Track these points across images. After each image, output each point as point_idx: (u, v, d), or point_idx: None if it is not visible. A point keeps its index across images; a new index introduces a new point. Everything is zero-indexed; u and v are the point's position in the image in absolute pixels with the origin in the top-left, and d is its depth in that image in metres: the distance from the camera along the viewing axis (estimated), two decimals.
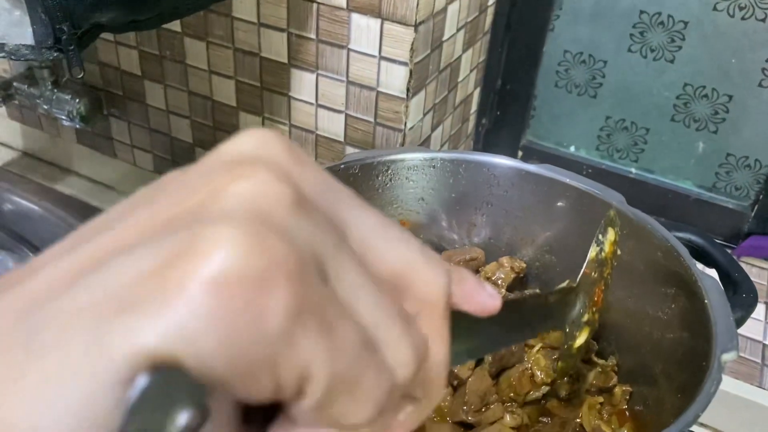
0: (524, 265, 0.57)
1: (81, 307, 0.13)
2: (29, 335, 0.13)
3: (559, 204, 0.53)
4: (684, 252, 0.45)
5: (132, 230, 0.15)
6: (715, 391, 0.35)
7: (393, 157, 0.53)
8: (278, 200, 0.15)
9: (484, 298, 0.20)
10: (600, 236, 0.44)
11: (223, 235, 0.13)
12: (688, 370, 0.42)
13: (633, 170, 0.95)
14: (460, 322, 0.19)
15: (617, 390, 0.52)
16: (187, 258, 0.13)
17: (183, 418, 0.13)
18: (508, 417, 0.47)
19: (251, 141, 0.17)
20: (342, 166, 0.51)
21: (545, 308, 0.33)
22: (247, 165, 0.15)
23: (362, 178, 0.53)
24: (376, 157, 0.53)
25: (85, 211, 0.99)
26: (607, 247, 0.44)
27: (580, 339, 0.40)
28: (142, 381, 0.13)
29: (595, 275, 0.43)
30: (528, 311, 0.30)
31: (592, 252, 0.44)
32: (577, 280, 0.41)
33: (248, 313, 0.13)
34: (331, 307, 0.15)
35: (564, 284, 0.48)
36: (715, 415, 0.68)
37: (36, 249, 1.00)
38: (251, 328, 0.13)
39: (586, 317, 0.40)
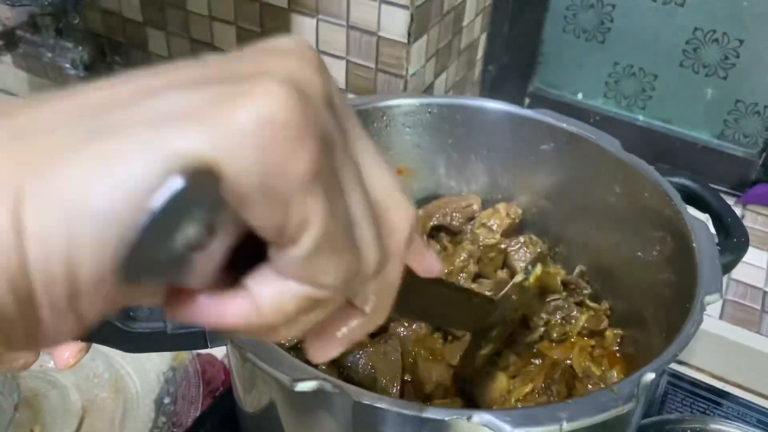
0: (520, 212, 0.57)
1: (144, 114, 0.15)
2: (94, 123, 0.15)
3: (556, 149, 0.53)
4: (675, 195, 0.45)
5: (185, 76, 0.17)
6: (695, 332, 0.35)
7: (388, 103, 0.53)
8: (314, 85, 0.17)
9: (429, 260, 0.24)
10: (529, 267, 0.50)
11: (273, 88, 0.16)
12: (675, 312, 0.42)
13: (641, 118, 0.94)
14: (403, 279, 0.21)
15: (608, 333, 0.52)
16: (242, 96, 0.16)
17: (192, 230, 0.15)
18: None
19: (292, 42, 0.19)
20: None
21: (466, 305, 0.36)
22: (292, 54, 0.18)
23: None
24: (371, 103, 0.53)
25: None
26: (531, 279, 0.49)
27: (485, 351, 0.45)
28: (178, 181, 0.15)
29: (515, 299, 0.47)
30: (452, 299, 0.33)
31: (518, 278, 0.49)
32: (498, 296, 0.45)
33: (282, 153, 0.16)
34: (336, 184, 0.18)
35: (487, 292, 0.50)
36: (713, 361, 0.69)
37: None
38: (282, 164, 0.16)
39: (488, 349, 0.45)
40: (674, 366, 0.67)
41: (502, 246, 0.56)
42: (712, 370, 0.70)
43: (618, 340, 0.51)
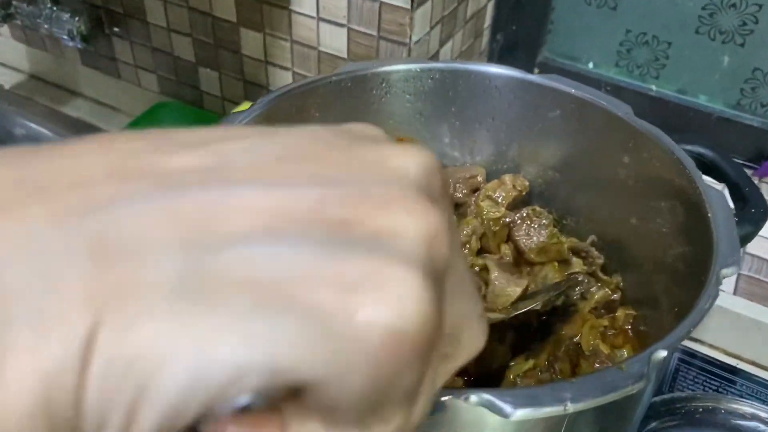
0: (527, 183, 0.54)
1: (247, 277, 0.13)
2: (193, 270, 0.13)
3: (564, 116, 0.50)
4: (689, 164, 0.42)
5: (292, 178, 0.14)
6: (710, 308, 0.33)
7: (388, 68, 0.51)
8: (442, 251, 0.14)
9: None
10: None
11: (410, 284, 0.13)
12: (688, 287, 0.40)
13: (653, 87, 0.91)
14: None
15: (620, 313, 0.50)
16: (371, 295, 0.13)
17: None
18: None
19: (420, 161, 0.16)
20: (333, 79, 0.49)
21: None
22: (421, 197, 0.15)
23: (355, 91, 0.51)
24: (370, 69, 0.50)
25: (94, 134, 0.99)
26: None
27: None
28: (251, 395, 0.13)
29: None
30: None
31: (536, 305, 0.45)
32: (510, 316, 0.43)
33: (397, 369, 0.13)
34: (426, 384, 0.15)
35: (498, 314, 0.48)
36: (727, 338, 0.67)
37: None
38: (391, 381, 0.13)
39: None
40: (686, 343, 0.65)
41: (507, 219, 0.54)
42: (726, 347, 0.68)
43: (630, 320, 0.49)
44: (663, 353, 0.31)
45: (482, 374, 0.45)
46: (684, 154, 0.43)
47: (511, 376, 0.43)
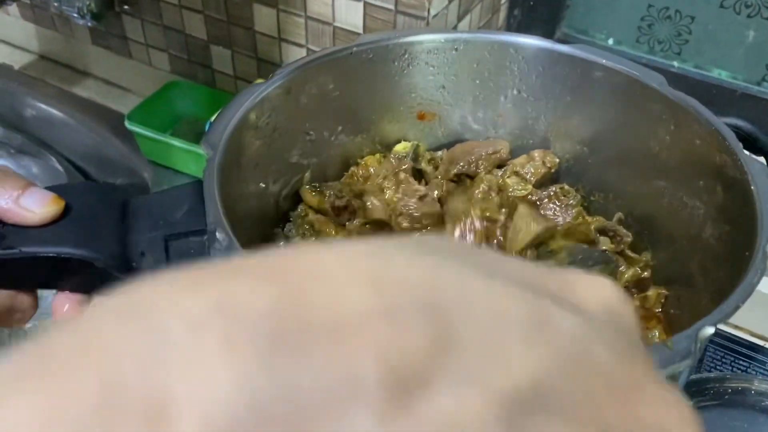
0: (557, 160, 0.53)
1: None
2: None
3: (593, 88, 0.48)
4: (730, 135, 0.41)
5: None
6: (758, 282, 0.32)
7: (411, 39, 0.49)
8: None
9: None
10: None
11: None
12: (728, 265, 0.39)
13: (675, 64, 0.88)
14: None
15: (652, 293, 0.49)
16: None
17: None
18: None
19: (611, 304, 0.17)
20: (354, 50, 0.47)
21: None
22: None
23: (376, 63, 0.49)
24: (392, 39, 0.49)
25: (105, 115, 0.97)
26: None
27: None
28: None
29: None
30: None
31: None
32: None
33: None
34: None
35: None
36: (753, 318, 0.65)
37: (58, 154, 0.99)
38: None
39: None
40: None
41: (533, 198, 0.53)
42: (751, 327, 0.66)
43: (662, 301, 0.47)
44: (710, 330, 0.29)
45: None
46: (723, 125, 0.41)
47: None
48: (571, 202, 0.52)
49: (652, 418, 0.15)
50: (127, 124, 0.84)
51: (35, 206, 0.32)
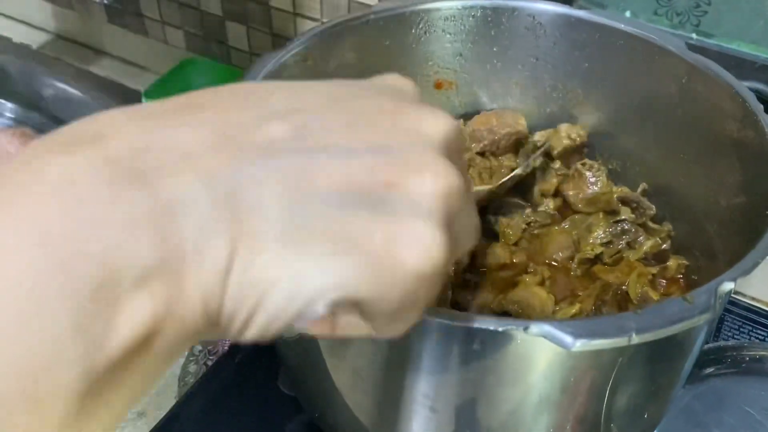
0: (584, 133, 0.52)
1: (334, 226, 0.19)
2: (297, 213, 0.19)
3: (612, 54, 0.48)
4: (751, 99, 0.40)
5: (335, 135, 0.20)
6: None
7: (427, 6, 0.49)
8: (456, 204, 0.20)
9: None
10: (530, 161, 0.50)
11: (431, 235, 0.19)
12: (746, 232, 0.38)
13: (694, 36, 0.87)
14: None
15: (672, 263, 0.49)
16: (406, 245, 0.19)
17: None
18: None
19: (438, 122, 0.21)
20: (371, 17, 0.47)
21: None
22: (437, 156, 0.20)
23: (393, 31, 0.49)
24: (409, 7, 0.48)
25: (123, 94, 0.98)
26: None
27: None
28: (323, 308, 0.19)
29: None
30: None
31: (519, 170, 0.50)
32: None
33: (422, 294, 0.20)
34: None
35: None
36: None
37: None
38: (416, 301, 0.20)
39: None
40: (731, 297, 0.63)
41: (560, 172, 0.53)
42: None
43: (682, 270, 0.47)
44: (730, 285, 0.29)
45: None
46: (745, 89, 0.41)
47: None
48: (597, 174, 0.52)
49: (412, 124, 0.21)
50: (144, 101, 0.85)
51: None
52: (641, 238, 0.49)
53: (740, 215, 0.41)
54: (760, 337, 0.59)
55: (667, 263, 0.48)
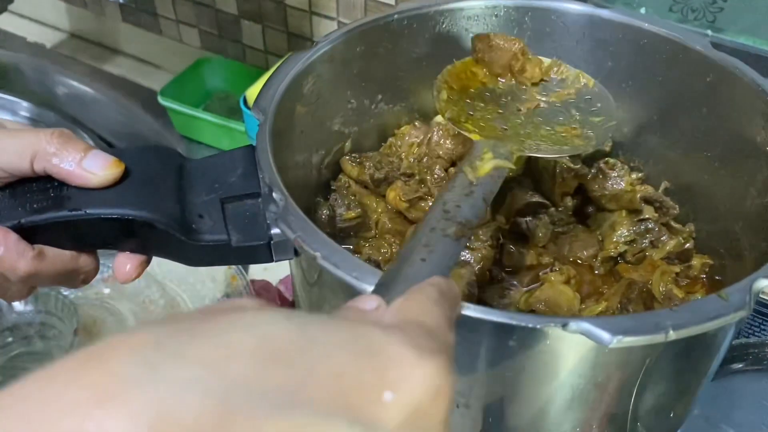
0: (611, 141, 0.53)
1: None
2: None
3: (636, 53, 0.48)
4: None
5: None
6: None
7: (451, 6, 0.49)
8: None
9: None
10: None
11: None
12: None
13: (709, 32, 0.87)
14: None
15: (696, 262, 0.49)
16: None
17: None
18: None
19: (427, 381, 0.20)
20: (395, 17, 0.48)
21: None
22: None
23: (416, 31, 0.49)
24: (432, 7, 0.49)
25: (136, 91, 0.98)
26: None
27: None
28: None
29: None
30: None
31: None
32: None
33: None
34: None
35: None
36: None
37: (90, 131, 1.01)
38: None
39: None
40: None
41: (582, 172, 0.53)
42: None
43: (706, 270, 0.48)
44: (765, 282, 0.30)
45: None
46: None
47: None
48: (620, 173, 0.52)
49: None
50: (160, 99, 0.85)
51: (97, 168, 0.33)
52: (664, 237, 0.49)
53: (765, 215, 0.42)
54: None
55: (691, 262, 0.48)
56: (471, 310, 0.28)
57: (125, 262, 0.36)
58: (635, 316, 0.29)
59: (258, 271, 0.73)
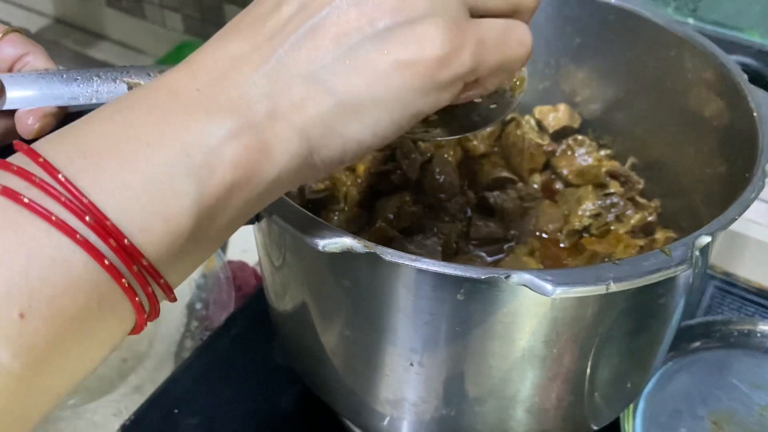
0: (579, 118, 0.54)
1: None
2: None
3: (602, 29, 0.49)
4: (734, 68, 0.41)
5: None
6: (755, 198, 0.32)
7: None
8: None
9: None
10: None
11: (431, 33, 0.24)
12: (731, 199, 0.39)
13: (690, 21, 0.88)
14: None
15: (660, 236, 0.49)
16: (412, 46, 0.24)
17: None
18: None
19: None
20: None
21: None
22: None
23: None
24: None
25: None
26: None
27: None
28: None
29: None
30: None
31: None
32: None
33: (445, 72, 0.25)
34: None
35: None
36: (763, 272, 0.65)
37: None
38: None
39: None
40: (721, 275, 0.64)
41: (549, 149, 0.53)
42: (761, 281, 0.66)
43: (670, 243, 0.48)
44: (707, 239, 0.30)
45: None
46: (728, 58, 0.42)
47: None
48: (587, 150, 0.53)
49: None
50: None
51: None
52: (630, 211, 0.50)
53: (724, 184, 0.42)
54: (749, 313, 0.60)
55: (655, 236, 0.49)
56: (419, 262, 0.29)
57: (26, 115, 0.33)
58: (578, 269, 0.29)
59: (236, 253, 0.73)
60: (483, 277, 0.28)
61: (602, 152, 0.52)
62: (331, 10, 0.24)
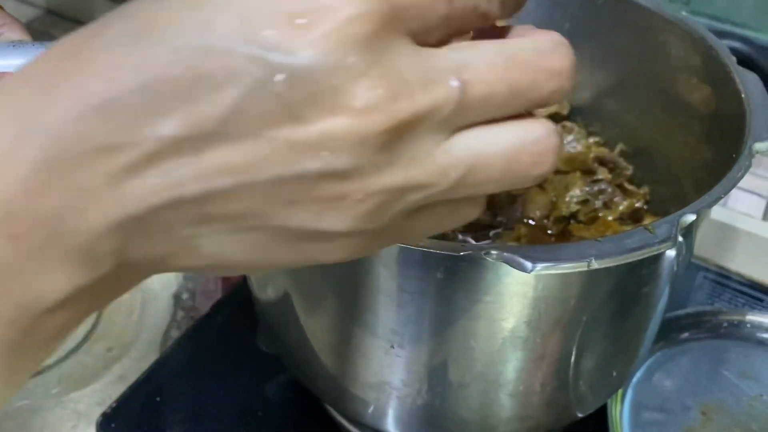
0: (568, 107, 0.53)
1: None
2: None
3: (590, 14, 0.48)
4: (723, 50, 0.41)
5: None
6: (741, 177, 0.32)
7: None
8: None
9: None
10: None
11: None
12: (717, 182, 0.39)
13: (684, 13, 0.87)
14: None
15: (649, 222, 0.49)
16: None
17: None
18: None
19: None
20: None
21: None
22: None
23: None
24: None
25: None
26: None
27: None
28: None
29: None
30: None
31: None
32: None
33: None
34: None
35: None
36: (755, 264, 0.65)
37: None
38: None
39: None
40: (714, 268, 0.63)
41: None
42: (752, 274, 0.66)
43: None
44: (692, 217, 0.30)
45: None
46: (717, 41, 0.41)
47: None
48: (575, 137, 0.53)
49: None
50: None
51: None
52: (618, 198, 0.49)
53: (713, 170, 0.42)
54: (739, 304, 0.60)
55: (644, 222, 0.48)
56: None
57: None
58: (559, 246, 0.29)
59: None
60: (462, 254, 0.27)
61: (591, 139, 0.52)
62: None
